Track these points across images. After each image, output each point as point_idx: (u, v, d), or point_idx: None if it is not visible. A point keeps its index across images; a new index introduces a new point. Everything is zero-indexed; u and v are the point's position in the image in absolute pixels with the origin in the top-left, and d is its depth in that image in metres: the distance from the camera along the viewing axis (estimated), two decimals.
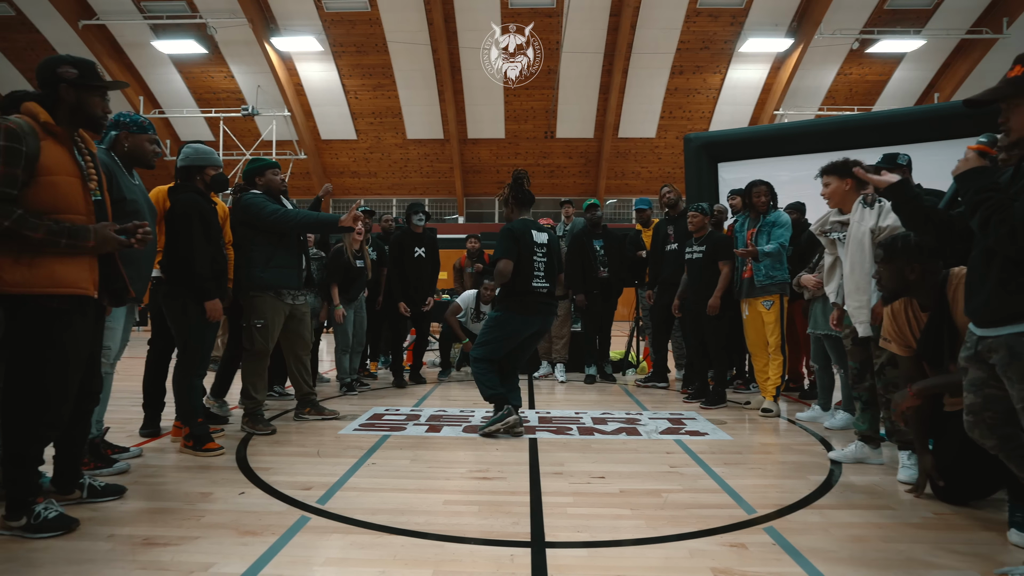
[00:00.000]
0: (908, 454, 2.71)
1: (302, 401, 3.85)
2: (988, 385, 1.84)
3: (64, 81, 2.05)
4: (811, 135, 5.93)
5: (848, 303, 2.92)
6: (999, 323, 1.73)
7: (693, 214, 4.50)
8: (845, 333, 3.08)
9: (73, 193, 2.04)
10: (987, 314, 1.78)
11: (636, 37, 14.14)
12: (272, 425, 3.52)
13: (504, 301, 3.51)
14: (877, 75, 15.31)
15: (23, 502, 1.99)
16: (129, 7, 13.88)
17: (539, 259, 3.51)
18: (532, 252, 3.48)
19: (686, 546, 1.98)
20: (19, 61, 15.27)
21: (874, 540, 2.03)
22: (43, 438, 2.07)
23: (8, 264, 1.91)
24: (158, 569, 1.78)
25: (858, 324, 2.86)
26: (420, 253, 5.27)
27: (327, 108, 16.14)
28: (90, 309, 2.14)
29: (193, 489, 2.50)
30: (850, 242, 2.91)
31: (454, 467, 2.86)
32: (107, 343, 2.66)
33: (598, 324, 5.51)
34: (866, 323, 2.81)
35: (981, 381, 1.86)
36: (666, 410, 4.24)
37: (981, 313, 1.81)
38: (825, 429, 3.70)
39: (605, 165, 17.00)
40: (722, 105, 15.86)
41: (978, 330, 1.84)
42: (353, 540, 2.00)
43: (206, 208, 3.05)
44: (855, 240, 2.87)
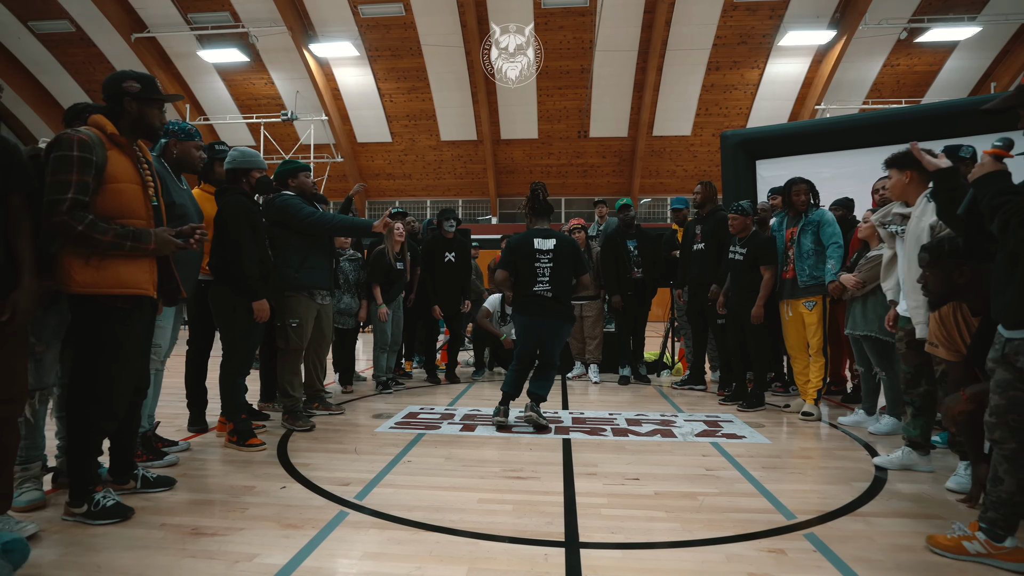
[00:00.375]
0: (966, 464, 2.59)
1: (311, 396, 3.95)
2: (1014, 387, 1.86)
3: (128, 95, 2.18)
4: (854, 130, 5.72)
5: (906, 302, 2.81)
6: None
7: (733, 216, 4.39)
8: (899, 336, 2.97)
9: (135, 199, 2.17)
10: (1012, 316, 1.81)
11: (671, 33, 13.93)
12: (311, 421, 3.62)
13: (513, 305, 3.85)
14: (927, 65, 14.66)
15: (84, 490, 2.12)
16: (177, 19, 14.46)
17: (543, 264, 3.67)
18: (533, 259, 3.68)
19: (723, 550, 1.95)
20: (78, 74, 16.11)
21: (922, 551, 1.96)
22: (103, 430, 2.20)
23: (78, 266, 2.04)
24: (206, 558, 1.86)
25: (916, 324, 2.74)
26: (450, 258, 5.37)
27: (363, 111, 16.45)
28: (147, 308, 2.26)
29: (237, 482, 2.59)
30: (908, 238, 2.78)
31: (488, 466, 2.88)
32: (157, 341, 2.79)
33: (632, 325, 5.46)
34: (924, 323, 2.68)
35: (1007, 383, 1.88)
36: (702, 412, 4.17)
37: (1006, 315, 1.84)
38: (869, 434, 3.58)
39: (639, 164, 16.80)
40: (760, 101, 15.47)
41: (1006, 332, 1.87)
42: (390, 535, 2.05)
43: (253, 210, 3.15)
44: (913, 236, 2.74)
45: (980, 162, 1.86)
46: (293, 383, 3.59)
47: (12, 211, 1.89)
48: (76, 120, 2.38)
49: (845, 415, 3.98)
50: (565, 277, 3.69)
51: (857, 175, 5.69)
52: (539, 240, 3.70)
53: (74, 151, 2.00)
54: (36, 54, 15.61)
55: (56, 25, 14.77)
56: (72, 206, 1.98)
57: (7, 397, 1.88)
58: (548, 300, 3.64)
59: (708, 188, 5.10)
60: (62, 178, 1.99)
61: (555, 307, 3.66)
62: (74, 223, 1.98)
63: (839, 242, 3.86)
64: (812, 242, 3.92)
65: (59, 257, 2.05)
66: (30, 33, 15.00)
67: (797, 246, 3.97)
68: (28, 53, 15.60)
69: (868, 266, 3.60)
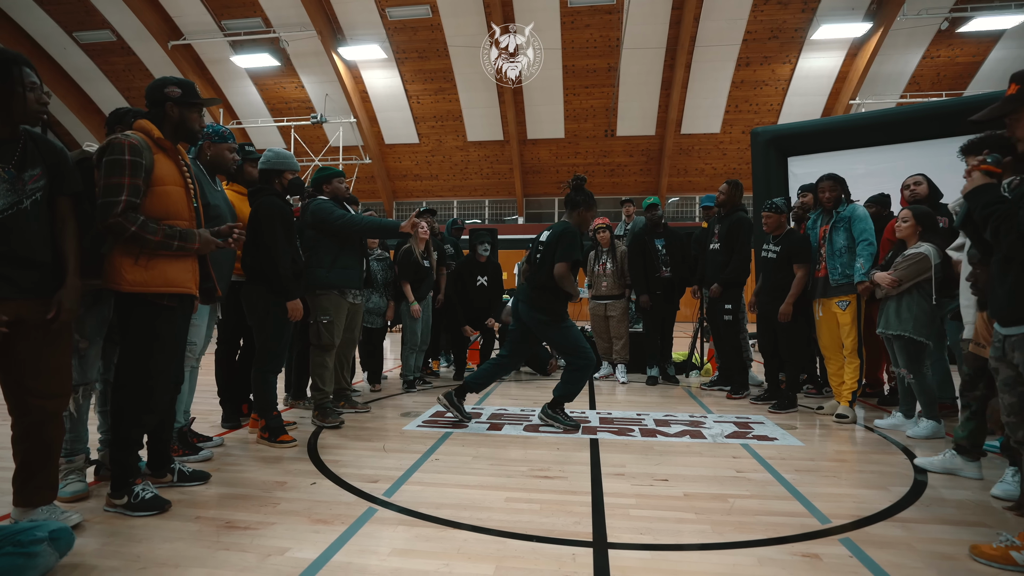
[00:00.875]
0: (1015, 470, 2.48)
1: (337, 395, 4.01)
2: (1021, 383, 1.96)
3: (170, 99, 2.27)
4: (890, 124, 5.52)
5: (963, 299, 2.71)
6: (1018, 322, 1.92)
7: (767, 214, 4.29)
8: (964, 338, 2.86)
9: (180, 201, 2.25)
10: (1007, 314, 1.95)
11: (700, 29, 13.72)
12: (340, 417, 3.67)
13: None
14: (970, 56, 14.11)
15: (125, 482, 2.19)
16: (211, 26, 14.87)
17: (538, 255, 3.73)
18: (536, 250, 3.78)
19: (754, 554, 1.91)
20: (119, 82, 16.70)
21: (964, 559, 1.88)
22: (144, 423, 2.28)
23: (128, 265, 2.13)
24: (240, 551, 1.90)
25: (965, 324, 2.64)
26: (483, 282, 5.44)
27: (391, 113, 16.65)
28: (188, 306, 2.33)
29: (269, 478, 2.65)
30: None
31: (515, 465, 2.88)
32: (193, 339, 2.87)
33: (660, 324, 5.39)
34: (972, 323, 2.59)
35: (1013, 380, 1.98)
36: (732, 413, 4.10)
37: (1002, 313, 1.98)
38: (907, 438, 3.46)
39: (667, 162, 16.60)
40: (792, 97, 15.12)
41: (1002, 329, 2.00)
42: (418, 532, 2.06)
43: (286, 210, 3.21)
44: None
45: (971, 177, 2.05)
46: (323, 378, 3.65)
47: (60, 213, 1.97)
48: (119, 124, 2.47)
49: (882, 418, 3.86)
50: (547, 264, 3.62)
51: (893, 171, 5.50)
52: (544, 233, 3.79)
53: (125, 155, 2.09)
54: (80, 63, 16.25)
55: (98, 35, 15.35)
56: (126, 208, 2.07)
57: (53, 392, 1.97)
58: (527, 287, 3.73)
59: (733, 188, 4.97)
60: (115, 181, 2.07)
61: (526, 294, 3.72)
62: (127, 224, 2.06)
63: (870, 239, 3.74)
64: (844, 239, 3.82)
65: (110, 257, 2.13)
66: (74, 43, 15.63)
67: (829, 243, 3.87)
68: (72, 62, 16.25)
69: (905, 264, 3.48)
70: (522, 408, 4.23)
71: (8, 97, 1.85)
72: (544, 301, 3.65)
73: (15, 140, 1.88)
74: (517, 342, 3.82)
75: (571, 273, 3.59)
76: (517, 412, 4.09)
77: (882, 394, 4.63)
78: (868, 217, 3.83)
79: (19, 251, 1.85)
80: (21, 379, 1.91)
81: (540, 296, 3.66)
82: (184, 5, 14.35)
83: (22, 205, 1.86)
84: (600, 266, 5.56)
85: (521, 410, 4.16)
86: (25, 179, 1.88)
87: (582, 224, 3.71)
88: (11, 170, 1.85)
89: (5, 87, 1.85)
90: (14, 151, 1.87)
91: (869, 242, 3.73)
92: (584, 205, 3.67)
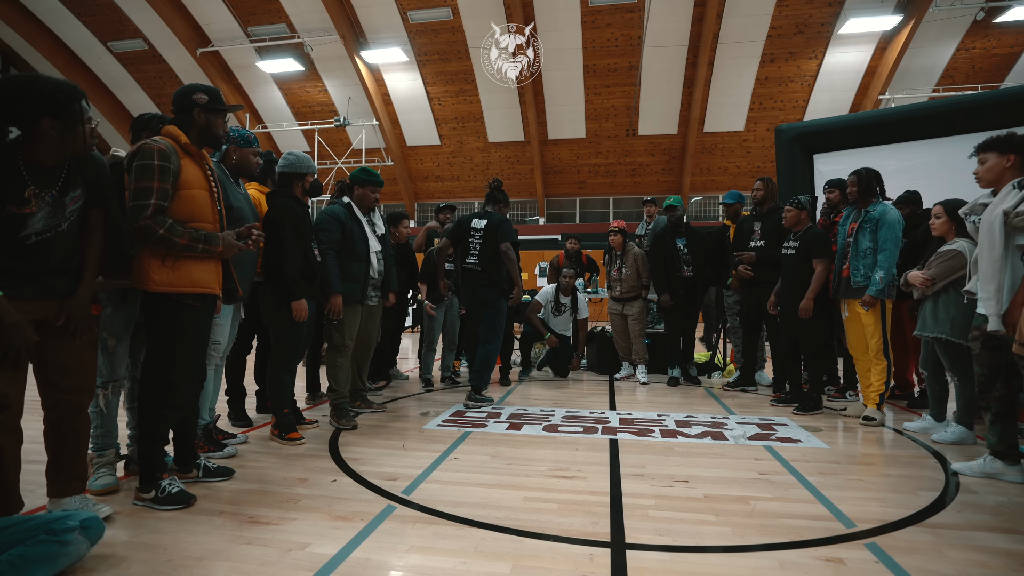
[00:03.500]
0: None
1: (353, 395, 4.02)
2: None
3: (197, 106, 2.33)
4: (921, 119, 5.36)
5: (981, 293, 2.60)
6: None
7: (788, 208, 4.22)
8: (973, 335, 2.77)
9: (205, 204, 2.31)
10: None
11: (723, 26, 13.54)
12: (354, 420, 3.70)
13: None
14: (1008, 48, 13.64)
15: (152, 477, 2.26)
16: (238, 33, 15.20)
17: (475, 241, 4.30)
18: (469, 236, 4.33)
19: (776, 557, 1.87)
20: (150, 89, 17.20)
21: (999, 568, 1.81)
22: (171, 419, 2.36)
23: (156, 266, 2.19)
24: (262, 545, 1.94)
25: (990, 317, 2.52)
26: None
27: (412, 115, 16.79)
28: (211, 306, 2.39)
29: (291, 475, 2.69)
30: (981, 224, 2.59)
31: (534, 464, 2.88)
32: (217, 338, 2.94)
33: (682, 324, 5.33)
34: (996, 316, 2.49)
35: None
36: (755, 415, 4.03)
37: None
38: (933, 442, 3.36)
39: (690, 161, 16.41)
40: (818, 93, 14.81)
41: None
42: (436, 530, 2.07)
43: (299, 213, 3.25)
44: (986, 223, 2.55)
45: None
46: (338, 379, 3.69)
47: (90, 223, 2.04)
48: (144, 130, 2.54)
49: (911, 420, 3.75)
50: (489, 252, 4.23)
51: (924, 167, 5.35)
52: (475, 220, 4.35)
53: (155, 160, 2.15)
54: (114, 71, 16.78)
55: (131, 44, 15.84)
56: (155, 211, 2.13)
57: (78, 386, 2.04)
58: (473, 273, 4.30)
59: (769, 184, 4.88)
60: (145, 185, 2.13)
61: (479, 279, 4.27)
62: (156, 227, 2.12)
63: (890, 249, 3.60)
64: (869, 241, 3.69)
65: (138, 258, 2.20)
66: (109, 52, 16.14)
67: (855, 243, 3.76)
68: (107, 71, 16.79)
69: (939, 261, 3.37)
70: (541, 408, 4.22)
71: (68, 132, 1.90)
72: (500, 280, 4.26)
73: (60, 166, 1.94)
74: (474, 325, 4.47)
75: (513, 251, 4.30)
76: (537, 412, 4.08)
77: (912, 396, 4.50)
78: (897, 224, 3.65)
79: (52, 264, 1.92)
80: (48, 375, 1.98)
81: (496, 276, 4.25)
82: (212, 13, 14.71)
83: (60, 228, 1.93)
84: (616, 270, 5.54)
85: (541, 410, 4.15)
86: (66, 202, 1.95)
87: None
88: (54, 194, 1.91)
89: (67, 123, 1.89)
90: (59, 177, 1.93)
91: (889, 252, 3.60)
92: (504, 202, 4.48)
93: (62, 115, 1.88)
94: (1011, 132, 2.65)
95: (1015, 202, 2.46)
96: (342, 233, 3.55)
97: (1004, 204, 2.50)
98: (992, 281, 2.51)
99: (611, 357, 5.91)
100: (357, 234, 3.67)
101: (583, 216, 18.52)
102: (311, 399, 4.42)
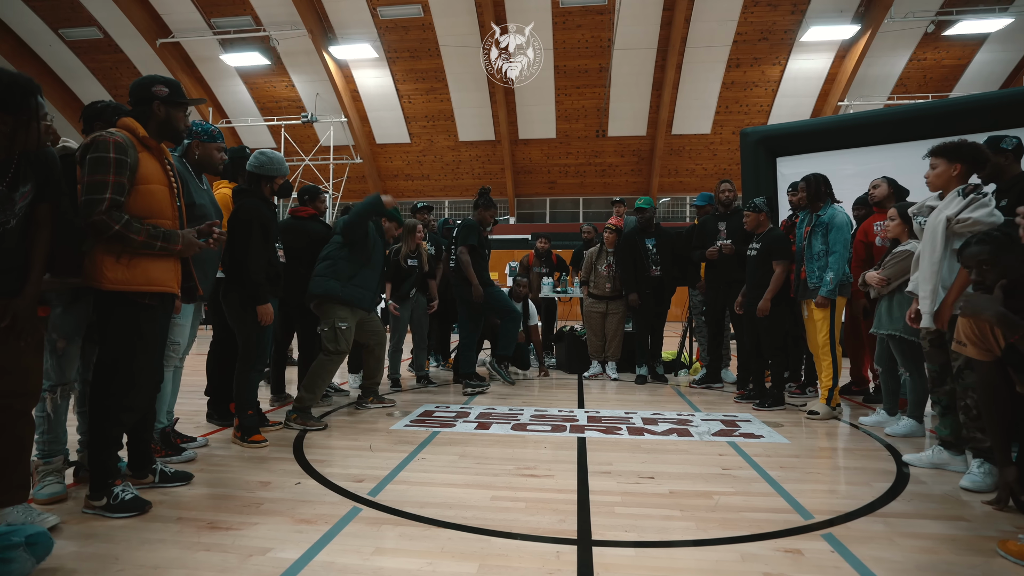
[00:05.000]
0: (980, 462, 2.53)
1: (367, 391, 4.18)
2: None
3: (157, 98, 2.24)
4: (878, 125, 5.57)
5: (919, 292, 2.75)
6: None
7: (747, 212, 4.36)
8: (923, 334, 2.89)
9: (163, 200, 2.23)
10: None
11: (691, 31, 13.80)
12: (323, 421, 3.64)
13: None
14: (955, 59, 14.31)
15: (104, 483, 2.16)
16: (200, 24, 14.77)
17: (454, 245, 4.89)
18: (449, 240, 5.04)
19: (738, 550, 1.91)
20: (105, 80, 16.57)
21: (944, 553, 1.90)
22: (124, 422, 2.25)
23: (110, 263, 2.10)
24: (221, 551, 1.88)
25: (924, 314, 2.69)
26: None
27: (382, 113, 16.61)
28: (169, 305, 2.31)
29: (253, 478, 2.62)
30: (926, 228, 2.72)
31: (502, 464, 2.87)
32: (177, 339, 2.85)
33: (650, 323, 5.41)
34: (929, 314, 2.64)
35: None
36: (719, 411, 4.12)
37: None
38: (886, 435, 3.49)
39: (658, 163, 16.68)
40: (781, 98, 15.25)
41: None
42: (402, 531, 2.05)
43: (267, 215, 3.17)
44: (930, 226, 2.69)
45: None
46: (320, 384, 3.65)
47: (37, 219, 1.94)
48: (98, 120, 2.42)
49: (867, 415, 3.89)
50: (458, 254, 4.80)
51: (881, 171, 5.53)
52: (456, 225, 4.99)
53: (110, 153, 2.06)
54: (66, 60, 16.10)
55: (85, 32, 15.21)
56: (110, 206, 2.04)
57: (22, 391, 1.93)
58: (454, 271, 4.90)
59: (734, 189, 5.07)
60: (100, 179, 2.04)
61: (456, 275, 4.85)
62: (111, 222, 2.04)
63: (839, 251, 3.74)
64: (822, 243, 3.83)
65: (91, 255, 2.10)
66: (60, 40, 15.47)
67: (808, 247, 3.90)
68: (58, 59, 16.10)
69: (893, 262, 3.50)
70: (510, 407, 4.23)
71: (21, 128, 1.81)
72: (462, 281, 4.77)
73: (9, 160, 1.84)
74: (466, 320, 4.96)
75: (469, 255, 4.78)
76: (505, 411, 4.08)
77: (867, 392, 4.67)
78: (845, 226, 3.80)
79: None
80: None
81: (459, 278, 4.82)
82: (172, 3, 14.26)
83: (9, 225, 1.84)
84: (607, 267, 5.59)
85: (509, 409, 4.15)
86: (16, 198, 1.85)
87: (482, 221, 4.94)
88: (3, 190, 1.81)
89: (20, 119, 1.80)
90: (7, 172, 1.83)
91: (839, 254, 3.74)
92: (483, 206, 4.92)
93: (15, 110, 1.79)
94: (962, 140, 2.76)
95: (958, 209, 2.59)
96: (364, 240, 3.74)
97: (948, 210, 2.63)
98: (929, 282, 2.65)
99: (580, 356, 5.96)
100: (377, 244, 3.89)
101: (553, 216, 18.62)
102: (276, 400, 4.33)
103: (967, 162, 2.71)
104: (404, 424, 3.69)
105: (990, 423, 2.33)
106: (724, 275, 4.80)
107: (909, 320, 3.00)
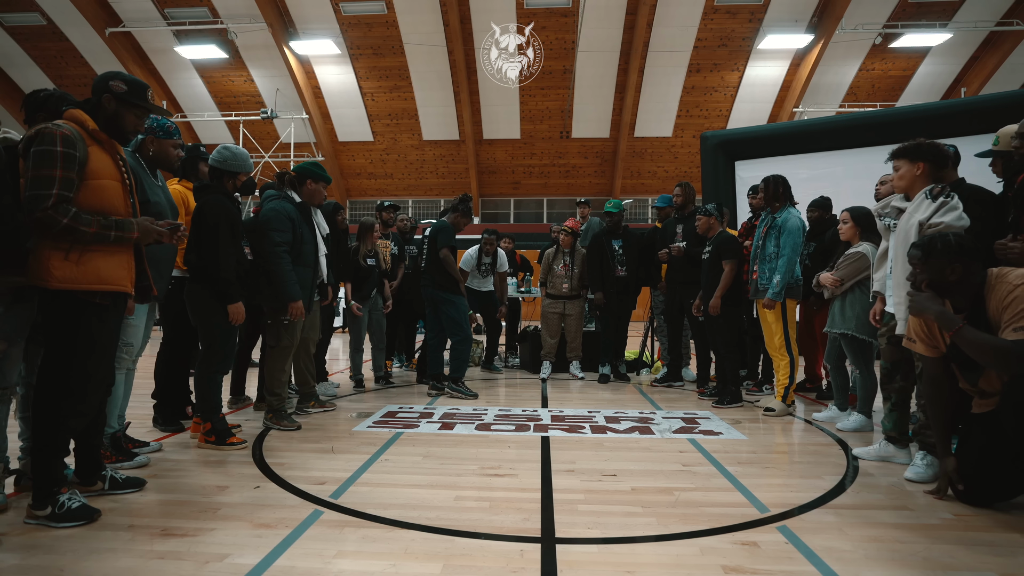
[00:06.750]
0: (923, 454, 2.67)
1: (305, 396, 3.98)
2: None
3: (110, 92, 2.15)
4: (831, 132, 5.84)
5: (893, 297, 2.79)
6: None
7: (699, 217, 4.52)
8: (881, 331, 3.01)
9: (116, 196, 2.14)
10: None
11: (653, 35, 14.06)
12: (297, 421, 3.58)
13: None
14: (901, 70, 15.02)
15: (49, 492, 2.06)
16: (154, 14, 14.21)
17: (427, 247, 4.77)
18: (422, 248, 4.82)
19: (697, 544, 1.97)
20: (49, 69, 15.75)
21: (890, 541, 1.99)
22: (72, 427, 2.14)
23: (57, 261, 1.99)
24: (175, 559, 1.82)
25: (898, 320, 2.73)
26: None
27: (344, 110, 16.33)
28: (122, 305, 2.21)
29: (210, 483, 2.55)
30: (898, 232, 2.76)
31: (466, 464, 2.87)
32: (130, 340, 2.74)
33: (615, 323, 5.49)
34: (904, 320, 2.66)
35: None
36: (680, 409, 4.21)
37: None
38: (837, 430, 3.64)
39: (621, 165, 16.93)
40: (740, 103, 15.70)
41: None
42: (365, 534, 2.03)
43: (233, 212, 3.06)
44: (902, 231, 2.71)
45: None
46: (281, 380, 3.55)
47: None
48: (41, 110, 2.30)
49: (820, 411, 4.04)
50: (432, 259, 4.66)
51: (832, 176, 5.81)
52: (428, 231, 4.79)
53: (57, 146, 1.96)
54: (5, 47, 15.23)
55: (26, 17, 14.44)
56: (57, 202, 1.94)
57: None
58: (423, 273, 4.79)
59: (688, 190, 5.17)
60: (46, 173, 1.94)
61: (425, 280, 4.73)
62: (58, 216, 1.94)
63: (788, 255, 3.85)
64: (775, 245, 3.94)
65: (37, 252, 2.00)
66: None
67: (762, 248, 4.02)
68: None
69: (845, 263, 3.65)
70: (474, 407, 4.22)
71: None
72: (444, 280, 4.62)
73: None
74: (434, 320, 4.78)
75: (451, 255, 4.66)
76: (469, 411, 4.08)
77: (820, 389, 4.85)
78: (797, 231, 3.88)
79: None
80: None
81: (440, 277, 4.62)
82: None
83: None
84: (563, 267, 5.63)
85: (473, 409, 4.15)
86: None
87: (456, 225, 4.76)
88: None
89: None
90: None
91: (787, 258, 3.84)
92: (460, 212, 4.75)
93: None
94: (920, 140, 2.80)
95: (929, 213, 2.61)
96: (292, 235, 3.39)
97: (919, 215, 2.65)
98: (903, 287, 2.66)
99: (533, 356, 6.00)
100: (307, 237, 3.52)
101: (517, 216, 18.67)
102: (234, 403, 4.21)
103: (928, 160, 2.74)
104: (367, 425, 3.64)
105: (934, 416, 2.46)
106: (680, 276, 4.93)
107: (873, 319, 3.09)
